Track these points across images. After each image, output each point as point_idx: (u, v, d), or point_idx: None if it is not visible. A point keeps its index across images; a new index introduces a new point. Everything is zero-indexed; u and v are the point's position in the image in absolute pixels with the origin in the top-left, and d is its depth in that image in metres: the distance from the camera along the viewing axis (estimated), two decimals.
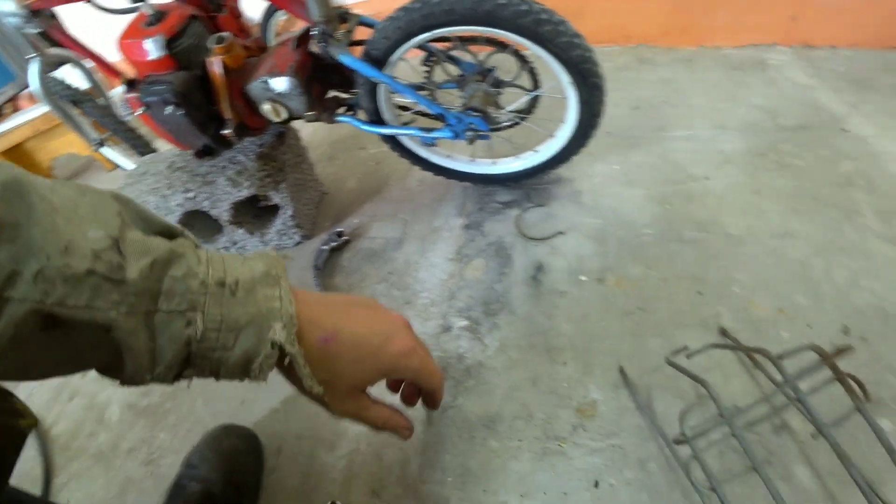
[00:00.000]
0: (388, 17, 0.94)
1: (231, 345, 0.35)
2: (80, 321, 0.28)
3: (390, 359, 0.46)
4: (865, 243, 1.07)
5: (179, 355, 0.34)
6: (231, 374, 0.37)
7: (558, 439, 0.80)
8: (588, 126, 0.99)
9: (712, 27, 1.71)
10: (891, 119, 1.42)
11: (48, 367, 0.31)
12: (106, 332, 0.30)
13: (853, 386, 0.68)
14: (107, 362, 0.33)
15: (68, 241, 0.28)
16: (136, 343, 0.31)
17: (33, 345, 0.28)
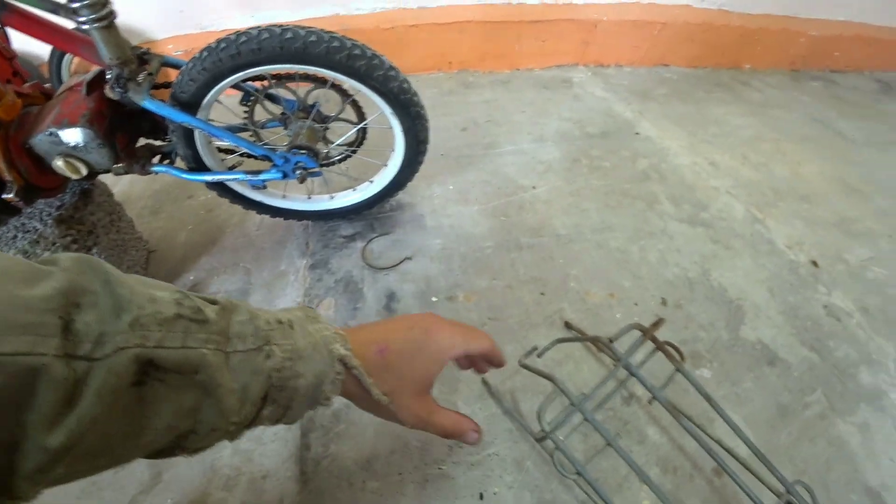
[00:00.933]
0: (192, 57, 0.88)
1: (303, 371, 0.38)
2: (174, 362, 0.30)
3: (438, 346, 0.48)
4: (666, 226, 1.26)
5: (263, 390, 0.36)
6: (302, 404, 0.39)
7: (437, 462, 0.80)
8: (416, 152, 1.02)
9: (522, 52, 1.92)
10: (668, 122, 1.72)
11: (126, 443, 0.30)
12: (194, 374, 0.31)
13: (671, 351, 0.78)
14: (183, 428, 0.32)
15: (151, 294, 0.31)
16: (225, 380, 0.33)
17: (121, 405, 0.28)
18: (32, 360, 0.24)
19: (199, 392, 0.32)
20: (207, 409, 0.33)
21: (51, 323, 0.25)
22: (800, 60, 2.39)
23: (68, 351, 0.25)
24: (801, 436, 0.92)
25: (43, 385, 0.24)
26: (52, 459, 0.26)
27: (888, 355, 1.08)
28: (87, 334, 0.26)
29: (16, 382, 0.23)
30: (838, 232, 1.38)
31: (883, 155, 1.80)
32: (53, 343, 0.25)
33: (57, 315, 0.25)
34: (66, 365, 0.25)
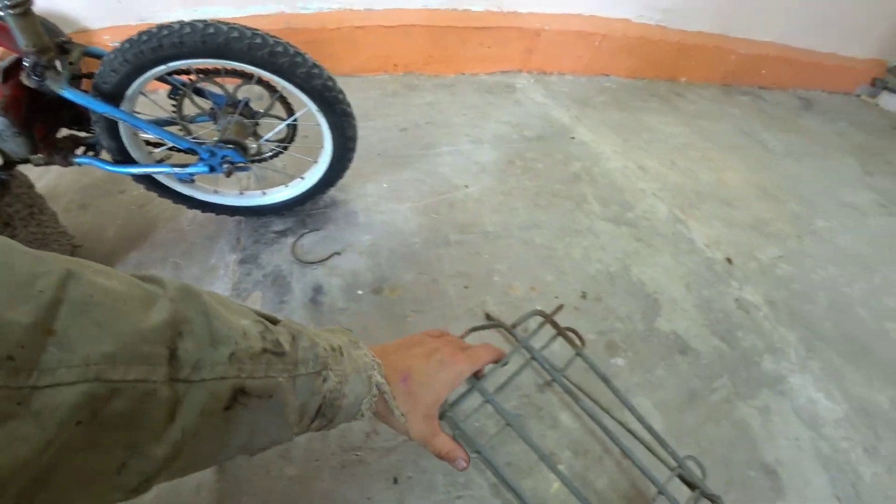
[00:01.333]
0: (114, 48, 0.88)
1: (347, 393, 0.45)
2: (259, 389, 0.35)
3: (450, 376, 0.56)
4: (592, 225, 1.33)
5: (317, 407, 0.42)
6: (342, 418, 0.46)
7: (354, 449, 0.82)
8: (345, 149, 1.04)
9: (467, 57, 1.97)
10: (605, 128, 1.80)
11: (210, 458, 0.35)
12: (269, 398, 0.36)
13: (571, 336, 0.83)
14: (254, 444, 0.38)
15: (242, 328, 0.35)
16: (290, 400, 0.38)
17: (212, 425, 0.32)
18: (147, 386, 0.28)
19: (272, 413, 0.37)
20: (275, 425, 0.38)
21: (161, 354, 0.29)
22: (731, 76, 2.54)
23: (172, 376, 0.30)
24: (708, 418, 0.98)
25: (151, 406, 0.28)
26: (158, 468, 0.30)
27: (790, 344, 1.17)
28: (187, 361, 0.30)
29: (133, 406, 0.27)
30: (753, 232, 1.48)
31: (799, 165, 1.94)
32: (163, 371, 0.29)
33: (166, 346, 0.29)
34: (170, 388, 0.29)
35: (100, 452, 0.27)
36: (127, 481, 0.29)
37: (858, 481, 0.95)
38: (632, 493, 0.84)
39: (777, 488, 0.90)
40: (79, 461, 0.26)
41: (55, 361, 0.24)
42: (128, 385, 0.27)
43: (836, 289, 1.36)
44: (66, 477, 0.26)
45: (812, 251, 1.48)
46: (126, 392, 0.27)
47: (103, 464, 0.28)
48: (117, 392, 0.26)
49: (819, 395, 1.08)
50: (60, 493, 0.26)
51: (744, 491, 0.88)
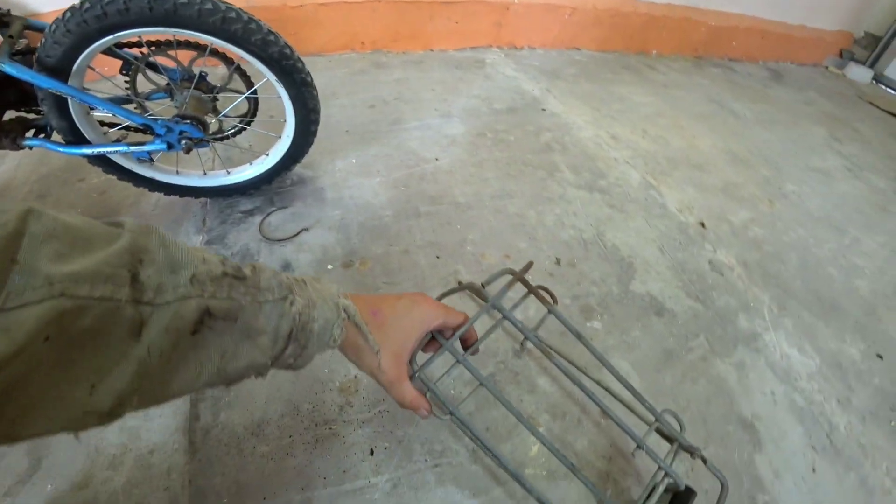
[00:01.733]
0: (55, 18, 0.83)
1: (316, 317, 0.45)
2: (223, 310, 0.36)
3: (422, 316, 0.57)
4: (565, 192, 1.32)
5: (288, 330, 0.43)
6: (314, 345, 0.46)
7: (328, 423, 0.80)
8: (308, 121, 1.01)
9: (435, 33, 1.94)
10: (575, 99, 1.79)
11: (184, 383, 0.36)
12: (235, 322, 0.38)
13: (543, 294, 0.82)
14: (228, 367, 0.39)
15: (201, 256, 0.37)
16: (261, 325, 0.40)
17: (181, 350, 0.34)
18: (111, 304, 0.29)
19: (241, 337, 0.39)
20: (246, 350, 0.39)
21: (123, 276, 0.31)
22: (701, 48, 2.56)
23: (135, 297, 0.31)
24: (685, 377, 0.98)
25: (116, 325, 0.30)
26: (130, 388, 0.31)
27: (763, 303, 1.18)
28: (148, 285, 0.32)
29: (98, 324, 0.29)
30: (725, 196, 1.49)
31: (769, 132, 1.96)
32: (126, 291, 0.30)
33: (127, 270, 0.31)
34: (134, 308, 0.31)
35: (69, 371, 0.28)
36: (99, 402, 0.30)
37: (833, 432, 0.96)
38: (611, 452, 0.84)
39: (755, 441, 0.91)
40: (50, 379, 0.28)
41: (21, 286, 0.25)
42: (93, 302, 0.28)
43: (806, 249, 1.38)
44: (38, 394, 0.27)
45: (782, 214, 1.49)
46: (91, 309, 0.28)
47: (74, 384, 0.29)
48: (83, 309, 0.28)
49: (792, 350, 1.09)
50: (32, 411, 0.27)
51: (722, 445, 0.89)
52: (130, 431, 0.78)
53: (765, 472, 0.87)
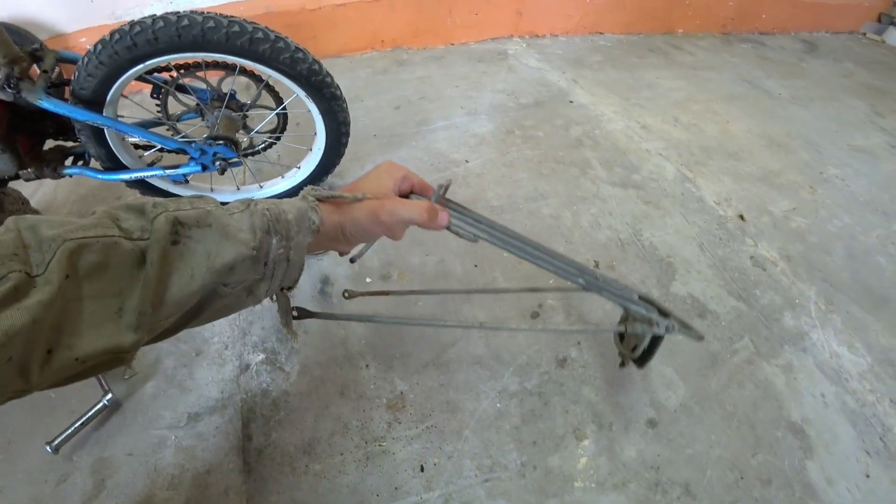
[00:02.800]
0: (87, 51, 0.84)
1: (286, 209, 0.49)
2: (193, 218, 0.42)
3: (386, 167, 0.58)
4: (599, 190, 1.29)
5: (264, 223, 0.47)
6: (298, 234, 0.49)
7: (377, 440, 0.81)
8: (338, 134, 1.01)
9: (455, 26, 1.90)
10: (601, 88, 1.74)
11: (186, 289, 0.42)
12: (209, 227, 0.43)
13: None
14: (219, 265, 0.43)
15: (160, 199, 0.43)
16: (232, 222, 0.45)
17: (171, 261, 0.41)
18: (109, 239, 0.37)
19: (218, 237, 0.43)
20: (229, 246, 0.44)
21: (110, 225, 0.38)
22: (730, 23, 2.45)
23: (126, 236, 0.39)
24: (731, 381, 0.96)
25: (119, 256, 0.38)
26: (148, 304, 0.39)
27: (809, 299, 1.14)
28: (132, 230, 0.39)
29: (104, 257, 0.37)
30: (764, 185, 1.44)
31: (805, 110, 1.88)
32: (116, 232, 0.38)
33: (112, 222, 0.39)
34: (129, 242, 0.38)
35: (97, 301, 0.37)
36: (128, 321, 0.38)
37: (887, 434, 0.93)
38: (659, 461, 0.83)
39: (805, 447, 0.89)
40: (86, 309, 0.36)
41: (38, 257, 0.34)
42: (92, 240, 0.36)
43: (852, 238, 1.33)
44: (79, 323, 0.36)
45: (825, 200, 1.44)
46: (94, 245, 0.36)
47: (104, 309, 0.37)
48: (86, 245, 0.36)
49: (842, 348, 1.06)
50: (79, 337, 0.36)
51: (772, 452, 0.88)
52: (187, 451, 0.81)
53: (817, 478, 0.85)
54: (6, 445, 0.80)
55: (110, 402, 0.82)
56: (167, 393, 0.86)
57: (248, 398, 0.87)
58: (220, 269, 0.44)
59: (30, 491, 0.75)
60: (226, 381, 0.89)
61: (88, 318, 0.36)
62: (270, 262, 0.48)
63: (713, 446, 0.87)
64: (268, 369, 0.90)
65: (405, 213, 0.54)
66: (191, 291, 0.42)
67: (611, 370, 0.93)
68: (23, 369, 0.34)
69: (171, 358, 0.92)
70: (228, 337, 0.95)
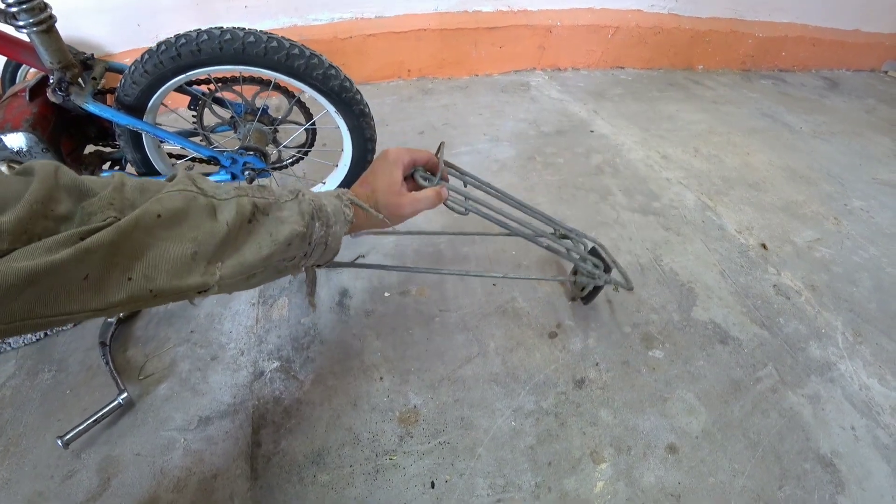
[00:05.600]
0: (134, 60, 0.89)
1: (325, 203, 0.60)
2: (264, 206, 0.53)
3: (392, 158, 0.68)
4: (619, 216, 1.29)
5: (310, 210, 0.57)
6: (335, 224, 0.61)
7: (388, 453, 0.80)
8: (364, 150, 1.03)
9: (480, 58, 1.96)
10: (622, 119, 1.77)
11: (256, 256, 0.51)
12: (268, 215, 0.53)
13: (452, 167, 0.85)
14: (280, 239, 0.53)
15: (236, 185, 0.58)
16: (285, 211, 0.55)
17: (245, 231, 0.50)
18: (189, 193, 0.46)
19: (277, 222, 0.53)
20: (286, 227, 0.53)
21: (191, 185, 0.48)
22: (749, 60, 2.48)
23: (204, 194, 0.48)
24: (754, 409, 0.93)
25: (196, 207, 0.46)
26: (216, 253, 0.47)
27: (836, 329, 1.11)
28: (207, 190, 0.49)
29: (184, 205, 0.45)
30: (786, 216, 1.43)
31: (828, 145, 1.87)
32: (196, 189, 0.48)
33: (192, 183, 0.48)
34: (206, 199, 0.48)
35: (176, 242, 0.44)
36: (198, 265, 0.45)
37: None
38: (680, 490, 0.80)
39: (836, 481, 0.85)
40: (166, 245, 0.43)
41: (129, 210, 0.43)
42: (177, 193, 0.45)
43: (879, 269, 1.29)
44: (158, 259, 0.42)
45: (850, 232, 1.41)
46: (175, 197, 0.45)
47: (182, 247, 0.44)
48: (173, 197, 0.45)
49: (872, 380, 1.02)
50: (156, 270, 0.42)
51: (799, 485, 0.83)
52: (195, 455, 0.80)
53: None
54: (17, 439, 0.80)
55: (124, 401, 0.83)
56: (180, 395, 0.87)
57: (260, 405, 0.86)
58: (281, 242, 0.53)
59: (35, 485, 0.75)
60: (239, 387, 0.89)
61: (166, 256, 0.43)
62: (314, 243, 0.58)
63: (737, 476, 0.83)
64: (282, 377, 0.90)
65: (423, 206, 0.69)
66: (260, 257, 0.51)
67: (630, 393, 0.91)
68: (100, 289, 0.38)
69: (186, 361, 0.92)
70: (245, 343, 0.95)
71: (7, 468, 0.76)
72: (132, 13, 1.55)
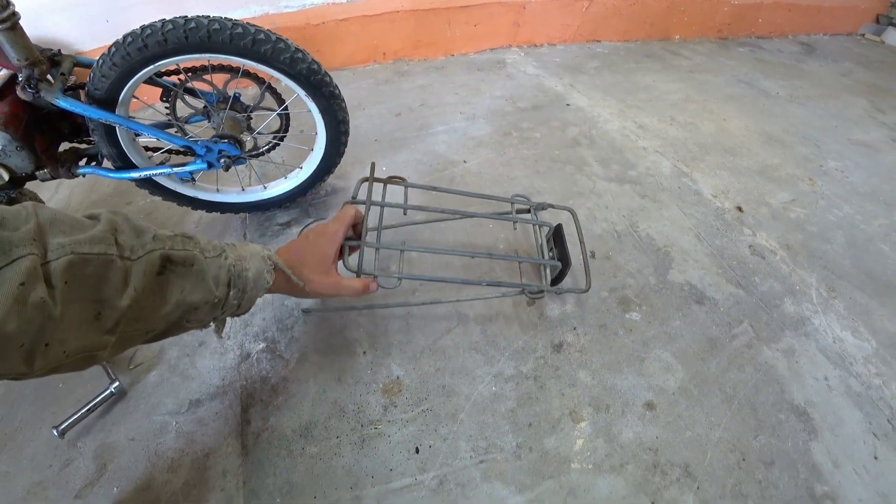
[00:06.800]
0: (101, 54, 0.89)
1: (248, 266, 0.61)
2: (181, 258, 0.52)
3: (327, 235, 0.74)
4: (595, 186, 1.31)
5: (227, 276, 0.58)
6: (253, 289, 0.62)
7: (373, 423, 0.82)
8: (338, 133, 1.04)
9: (454, 38, 1.96)
10: (599, 92, 1.77)
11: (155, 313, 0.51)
12: (191, 267, 0.53)
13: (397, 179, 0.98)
14: (187, 303, 0.54)
15: (155, 229, 0.53)
16: (208, 269, 0.55)
17: (152, 287, 0.50)
18: (107, 257, 0.46)
19: (195, 279, 0.53)
20: (199, 290, 0.53)
21: (111, 240, 0.47)
22: (726, 28, 2.49)
23: (120, 254, 0.47)
24: (730, 364, 0.96)
25: (112, 272, 0.46)
26: (121, 315, 0.46)
27: (810, 285, 1.14)
28: (125, 246, 0.48)
29: (100, 271, 0.45)
30: (762, 178, 1.45)
31: (805, 109, 1.89)
32: (114, 249, 0.47)
33: (111, 235, 0.47)
34: (122, 261, 0.47)
35: (83, 303, 0.44)
36: (103, 325, 0.46)
37: (895, 417, 0.92)
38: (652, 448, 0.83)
39: (809, 429, 0.88)
40: (73, 310, 0.43)
41: (50, 255, 0.42)
42: (94, 256, 0.45)
43: (853, 226, 1.32)
44: (68, 321, 0.43)
45: (825, 192, 1.44)
46: (94, 261, 0.45)
47: (87, 312, 0.44)
48: (87, 261, 0.44)
49: (845, 333, 1.05)
50: (67, 332, 0.43)
51: (774, 433, 0.87)
52: (187, 436, 0.82)
53: (822, 460, 0.84)
54: (14, 433, 0.82)
55: (116, 389, 0.85)
56: (170, 381, 0.89)
57: (248, 385, 0.88)
58: (188, 305, 0.54)
59: (34, 476, 0.77)
60: (227, 370, 0.91)
61: (77, 318, 0.43)
62: (225, 308, 0.61)
63: (713, 428, 0.86)
64: (268, 357, 0.92)
65: (345, 294, 0.75)
66: (163, 314, 0.51)
67: (607, 355, 0.94)
68: (28, 357, 0.40)
69: (174, 348, 0.94)
70: (231, 327, 0.97)
71: (5, 461, 0.78)
72: (100, 8, 1.54)
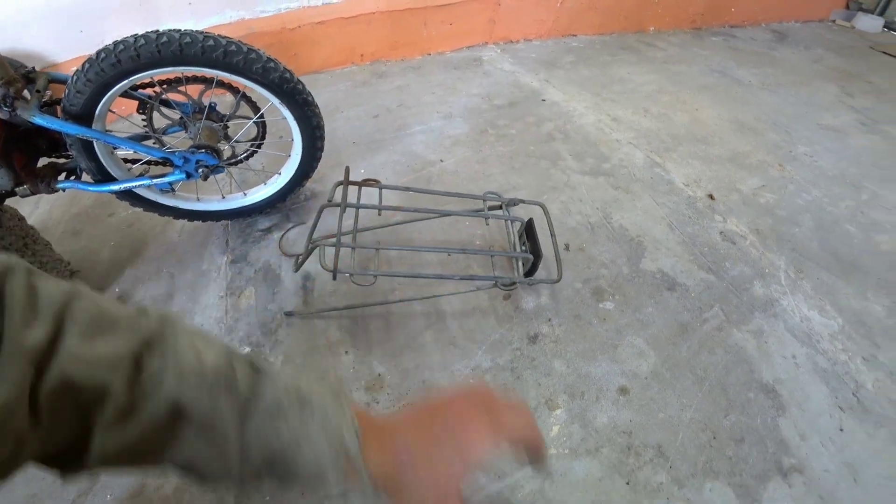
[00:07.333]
0: (75, 70, 0.91)
1: (303, 445, 0.34)
2: (199, 415, 0.32)
3: (463, 446, 0.36)
4: (569, 179, 1.34)
5: (262, 456, 0.34)
6: (301, 478, 0.35)
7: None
8: (313, 138, 1.07)
9: (431, 37, 1.98)
10: (574, 86, 1.80)
11: None
12: (204, 430, 0.33)
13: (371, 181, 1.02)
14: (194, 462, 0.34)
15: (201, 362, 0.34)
16: (234, 438, 0.33)
17: (156, 435, 0.32)
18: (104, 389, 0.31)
19: (213, 445, 0.33)
20: (216, 459, 0.33)
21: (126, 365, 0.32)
22: (700, 19, 2.52)
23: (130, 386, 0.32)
24: (701, 348, 1.00)
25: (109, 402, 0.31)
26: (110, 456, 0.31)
27: (779, 268, 1.18)
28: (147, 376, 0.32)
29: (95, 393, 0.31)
30: (733, 166, 1.49)
31: (776, 96, 1.94)
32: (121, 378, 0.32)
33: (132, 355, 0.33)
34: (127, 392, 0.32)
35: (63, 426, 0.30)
36: None
37: (860, 390, 0.96)
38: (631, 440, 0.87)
39: (777, 405, 0.92)
40: None
41: None
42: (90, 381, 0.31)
43: (821, 209, 1.37)
44: None
45: (794, 177, 1.48)
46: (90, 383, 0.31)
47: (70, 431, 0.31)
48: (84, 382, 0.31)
49: (813, 312, 1.09)
50: None
51: (744, 411, 0.91)
52: None
53: (790, 434, 0.88)
54: None
55: None
56: None
57: None
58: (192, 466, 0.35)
59: (28, 488, 0.78)
60: None
61: None
62: None
63: (685, 409, 0.90)
64: None
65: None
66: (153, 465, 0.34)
67: (582, 344, 0.97)
68: None
69: None
70: (216, 333, 0.99)
71: None
72: (73, 19, 1.54)
